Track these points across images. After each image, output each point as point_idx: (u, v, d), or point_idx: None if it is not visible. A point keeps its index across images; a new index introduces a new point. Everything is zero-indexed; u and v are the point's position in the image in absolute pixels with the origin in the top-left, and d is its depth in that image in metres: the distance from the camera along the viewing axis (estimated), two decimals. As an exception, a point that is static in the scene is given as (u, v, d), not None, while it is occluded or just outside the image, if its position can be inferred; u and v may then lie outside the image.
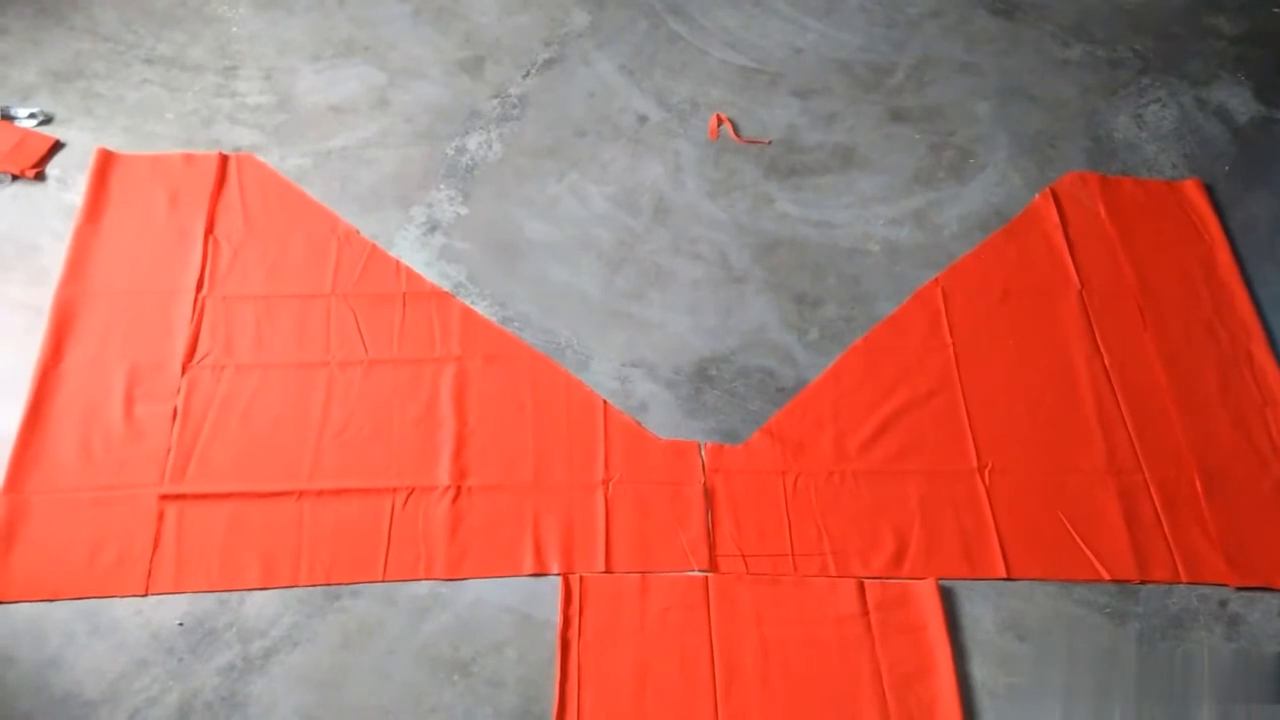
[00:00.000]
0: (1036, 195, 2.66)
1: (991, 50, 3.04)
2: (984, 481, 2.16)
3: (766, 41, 3.02)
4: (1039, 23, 3.12)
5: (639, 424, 2.23)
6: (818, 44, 3.03)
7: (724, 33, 3.03)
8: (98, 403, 2.17)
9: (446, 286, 2.42)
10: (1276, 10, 3.20)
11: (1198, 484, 2.17)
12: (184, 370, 2.22)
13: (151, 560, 1.98)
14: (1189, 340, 2.41)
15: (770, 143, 2.77)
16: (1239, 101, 2.94)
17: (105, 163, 2.54)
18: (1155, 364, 2.35)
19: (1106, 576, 2.05)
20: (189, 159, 2.58)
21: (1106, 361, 2.35)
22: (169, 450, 2.11)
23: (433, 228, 2.53)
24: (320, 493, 2.07)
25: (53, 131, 2.63)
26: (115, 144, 2.60)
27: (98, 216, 2.45)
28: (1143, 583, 2.05)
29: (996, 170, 2.74)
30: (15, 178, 2.53)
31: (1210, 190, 2.70)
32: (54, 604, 1.93)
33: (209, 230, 2.44)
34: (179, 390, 2.19)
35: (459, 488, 2.10)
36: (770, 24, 3.07)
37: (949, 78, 2.96)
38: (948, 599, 2.01)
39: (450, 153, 2.69)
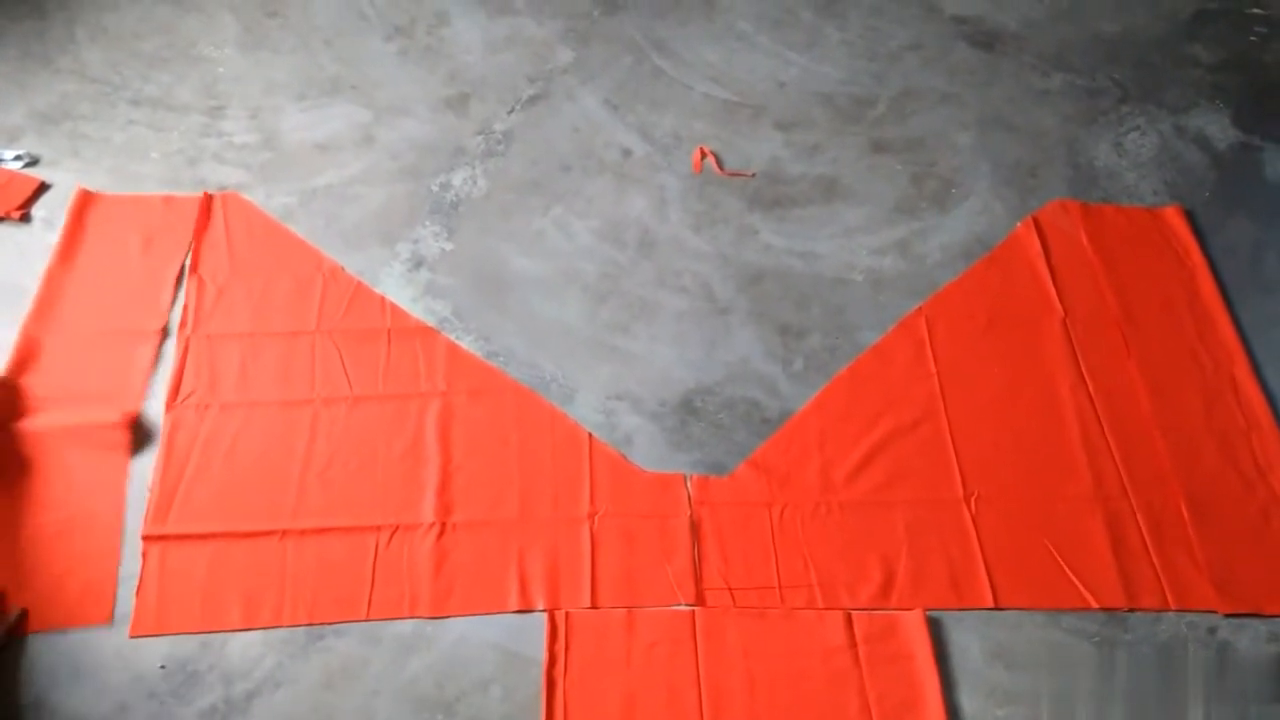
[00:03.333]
0: (1019, 224, 2.68)
1: (972, 81, 3.07)
2: (970, 510, 2.16)
3: (749, 75, 3.05)
4: (1018, 54, 3.15)
5: (624, 457, 2.23)
6: (800, 77, 3.06)
7: (707, 67, 3.06)
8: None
9: (431, 322, 2.42)
10: (1253, 39, 3.24)
11: (1184, 510, 2.17)
12: (168, 409, 2.22)
13: (134, 602, 1.97)
14: (1173, 366, 2.41)
15: (754, 175, 2.79)
16: (1217, 128, 2.97)
17: (84, 203, 2.54)
18: (1139, 391, 2.36)
19: (1094, 604, 2.04)
20: (169, 201, 2.59)
21: (1091, 388, 2.35)
22: (152, 490, 2.10)
23: (418, 264, 2.54)
24: (304, 532, 2.06)
25: (39, 173, 2.64)
26: (101, 184, 2.62)
27: (72, 256, 2.45)
28: (1131, 610, 2.05)
29: (979, 199, 2.76)
30: (1, 219, 2.53)
31: (1191, 216, 2.72)
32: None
33: (194, 268, 2.45)
34: (162, 430, 2.19)
35: (444, 524, 2.09)
36: (753, 58, 3.10)
37: (930, 109, 2.98)
38: (935, 629, 2.00)
39: (435, 189, 2.70)
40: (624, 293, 2.52)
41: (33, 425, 2.15)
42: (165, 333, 2.35)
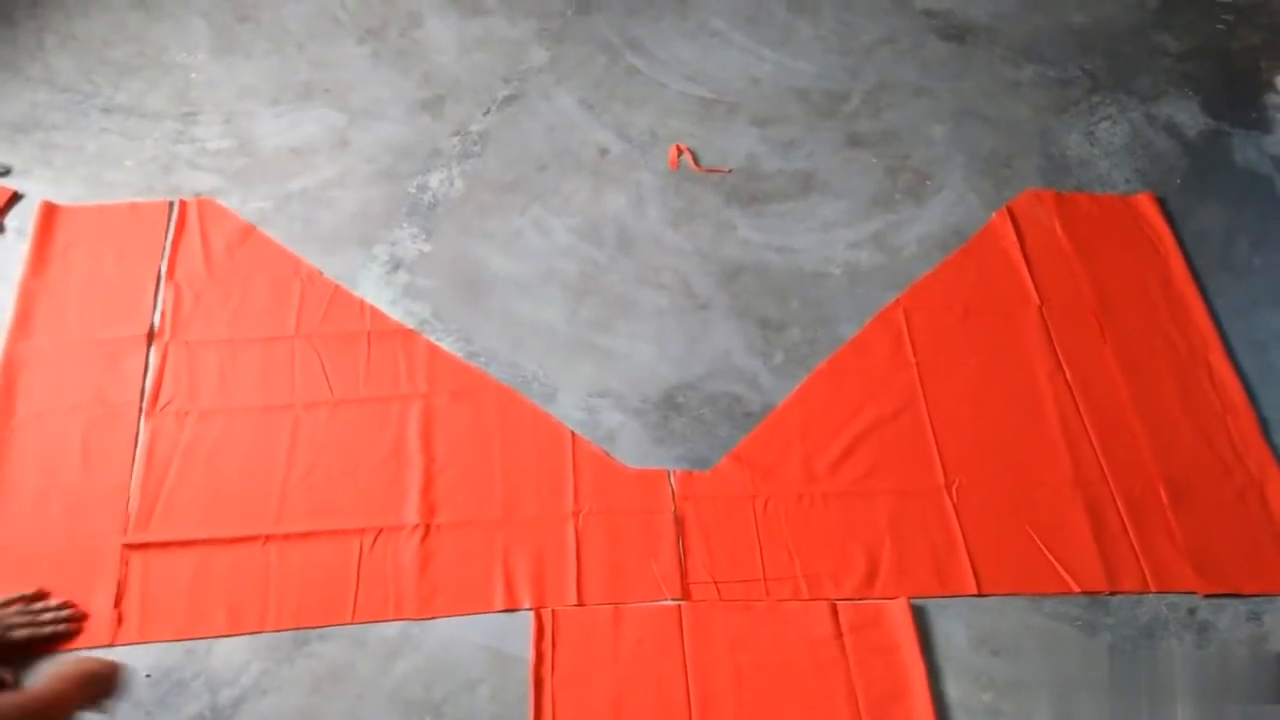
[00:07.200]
0: (994, 214, 2.70)
1: (944, 74, 3.09)
2: (952, 499, 2.17)
3: (724, 72, 3.06)
4: (990, 46, 3.18)
5: (607, 454, 2.23)
6: (774, 73, 3.07)
7: (681, 65, 3.07)
8: (56, 455, 2.14)
9: (411, 324, 2.42)
10: (1220, 26, 3.27)
11: (1163, 494, 2.19)
12: (147, 416, 2.20)
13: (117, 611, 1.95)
14: (1148, 352, 2.44)
15: (730, 171, 2.80)
16: (1187, 115, 3.00)
17: (50, 216, 2.50)
18: (1116, 377, 2.38)
19: (1076, 588, 2.06)
20: (136, 208, 2.56)
21: (1068, 376, 2.37)
22: (133, 498, 2.08)
23: (396, 266, 2.53)
24: (287, 536, 2.05)
25: (10, 183, 2.61)
26: (74, 194, 2.59)
27: (43, 270, 2.41)
28: (1112, 593, 2.07)
29: (953, 191, 2.77)
30: (-27, 230, 2.51)
31: (1163, 203, 2.75)
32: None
33: (170, 275, 2.43)
34: (142, 437, 2.17)
35: (428, 525, 2.09)
36: (727, 55, 3.11)
37: (904, 102, 3.00)
38: (920, 617, 2.01)
39: (412, 191, 2.69)
40: (603, 290, 2.53)
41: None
42: (150, 337, 2.33)
